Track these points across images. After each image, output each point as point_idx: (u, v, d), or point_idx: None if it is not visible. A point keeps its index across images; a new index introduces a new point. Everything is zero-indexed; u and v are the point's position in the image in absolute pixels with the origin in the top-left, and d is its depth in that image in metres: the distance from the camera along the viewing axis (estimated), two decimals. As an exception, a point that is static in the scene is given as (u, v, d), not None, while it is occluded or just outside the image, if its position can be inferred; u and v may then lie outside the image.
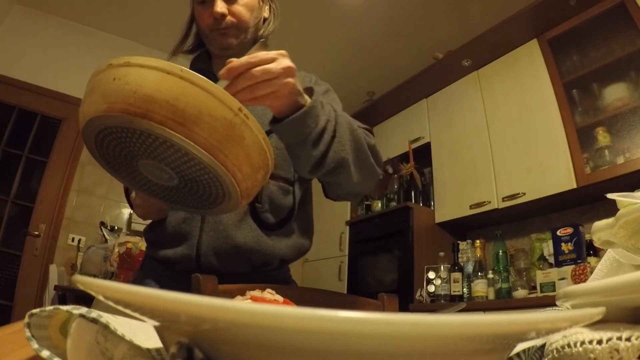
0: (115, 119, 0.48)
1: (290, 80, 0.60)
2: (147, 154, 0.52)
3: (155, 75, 0.46)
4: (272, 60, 0.59)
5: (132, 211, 3.17)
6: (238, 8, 0.90)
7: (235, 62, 0.57)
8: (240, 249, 0.84)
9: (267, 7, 0.99)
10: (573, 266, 1.99)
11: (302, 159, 0.71)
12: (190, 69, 1.04)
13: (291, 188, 0.92)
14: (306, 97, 0.67)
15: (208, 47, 0.98)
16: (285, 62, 0.60)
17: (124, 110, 0.46)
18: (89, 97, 0.50)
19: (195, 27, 0.99)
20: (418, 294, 2.61)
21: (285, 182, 0.91)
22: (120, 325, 0.27)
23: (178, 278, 0.86)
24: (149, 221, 0.93)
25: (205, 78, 0.47)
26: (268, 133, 0.82)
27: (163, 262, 0.88)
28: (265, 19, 0.99)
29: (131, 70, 0.46)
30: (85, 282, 0.20)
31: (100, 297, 0.20)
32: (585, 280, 1.73)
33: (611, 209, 0.43)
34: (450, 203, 2.80)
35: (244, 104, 0.53)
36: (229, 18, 0.89)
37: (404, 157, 3.25)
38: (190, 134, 0.47)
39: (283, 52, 0.61)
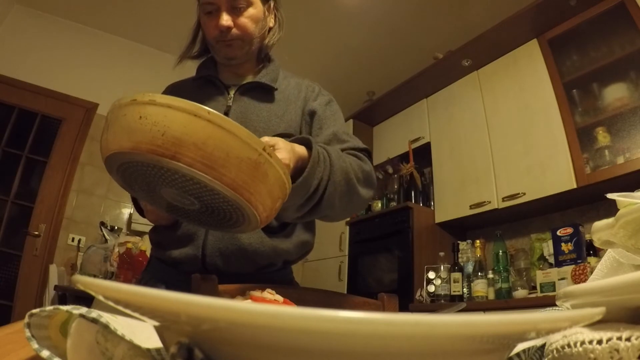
0: (140, 156, 0.49)
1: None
2: (172, 184, 0.54)
3: (183, 118, 0.47)
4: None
5: (132, 212, 3.18)
6: (243, 20, 0.91)
7: None
8: (245, 250, 0.86)
9: (272, 16, 1.00)
10: (573, 266, 1.99)
11: (285, 216, 0.77)
12: (196, 75, 1.05)
13: None
14: (301, 151, 0.70)
15: (213, 55, 1.00)
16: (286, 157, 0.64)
17: (152, 151, 0.47)
18: (112, 130, 0.50)
19: (201, 33, 1.00)
20: (418, 294, 2.61)
21: None
22: (120, 325, 0.27)
23: (183, 278, 0.87)
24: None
25: (230, 120, 0.48)
26: (281, 136, 0.85)
27: (169, 262, 0.90)
28: (270, 28, 1.00)
29: (158, 110, 0.47)
30: (85, 282, 0.20)
31: (100, 297, 0.20)
32: (585, 280, 1.73)
33: (611, 209, 0.43)
34: (450, 203, 2.80)
35: None
36: (234, 30, 0.91)
37: (404, 157, 3.25)
38: (218, 175, 0.48)
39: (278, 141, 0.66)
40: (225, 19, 0.89)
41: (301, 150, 0.71)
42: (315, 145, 0.72)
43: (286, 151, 0.65)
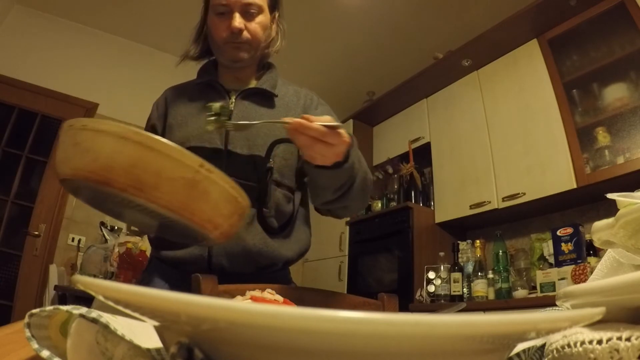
0: (81, 182, 0.48)
1: (341, 152, 0.72)
2: (124, 205, 0.53)
3: (112, 142, 0.46)
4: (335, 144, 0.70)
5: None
6: (254, 25, 0.93)
7: (313, 125, 0.66)
8: (249, 250, 0.88)
9: (274, 26, 1.01)
10: (573, 266, 1.99)
11: (320, 197, 0.88)
12: (197, 79, 1.06)
13: (292, 196, 0.96)
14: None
15: (217, 57, 1.01)
16: (343, 147, 0.71)
17: (86, 178, 0.47)
18: (57, 156, 0.50)
19: (204, 33, 1.01)
20: (418, 294, 2.61)
21: (288, 190, 0.95)
22: (120, 325, 0.27)
23: (185, 279, 0.87)
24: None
25: (162, 140, 0.47)
26: (280, 142, 0.91)
27: (170, 262, 0.90)
28: (272, 38, 1.02)
29: (90, 135, 0.47)
30: (85, 282, 0.20)
31: (100, 297, 0.20)
32: (585, 280, 1.74)
33: (611, 209, 0.43)
34: (450, 203, 2.80)
35: (299, 144, 0.66)
36: (245, 34, 0.92)
37: (404, 157, 3.25)
38: (152, 198, 0.47)
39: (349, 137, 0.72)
40: (239, 21, 0.91)
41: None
42: (354, 140, 0.78)
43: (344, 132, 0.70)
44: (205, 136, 0.91)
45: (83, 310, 0.27)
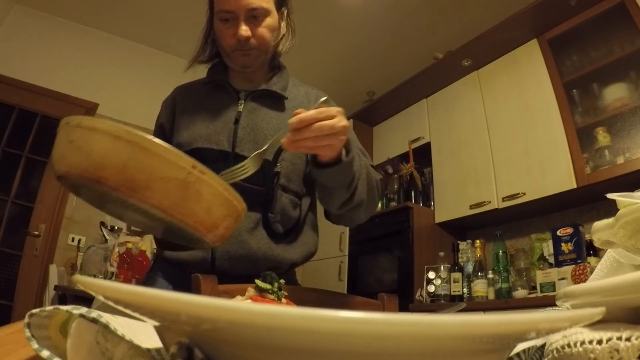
0: (75, 180, 0.49)
1: (343, 138, 0.69)
2: (120, 205, 0.53)
3: (104, 141, 0.46)
4: (334, 116, 0.66)
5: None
6: (261, 30, 0.90)
7: (304, 115, 0.63)
8: (253, 254, 0.87)
9: (284, 23, 0.99)
10: (573, 266, 1.99)
11: (335, 198, 0.83)
12: (206, 78, 1.05)
13: (299, 201, 0.95)
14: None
15: (226, 62, 0.98)
16: (344, 121, 0.68)
17: (80, 175, 0.47)
18: (53, 153, 0.50)
19: (211, 37, 0.99)
20: (418, 294, 2.61)
21: (295, 195, 0.94)
22: (121, 325, 0.27)
23: (189, 279, 0.87)
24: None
25: (154, 140, 0.46)
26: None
27: (175, 263, 0.90)
28: (283, 36, 0.99)
29: (83, 133, 0.47)
30: (85, 282, 0.20)
31: (100, 297, 0.20)
32: (585, 280, 1.73)
33: (611, 209, 0.43)
34: (450, 203, 2.80)
35: (305, 150, 0.64)
36: (252, 40, 0.90)
37: (404, 157, 3.25)
38: (143, 198, 0.47)
39: (341, 109, 0.68)
40: (245, 29, 0.88)
41: None
42: (354, 144, 0.79)
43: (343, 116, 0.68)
44: (212, 138, 0.90)
45: (83, 310, 0.27)
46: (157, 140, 0.46)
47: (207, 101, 0.96)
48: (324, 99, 0.71)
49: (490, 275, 2.34)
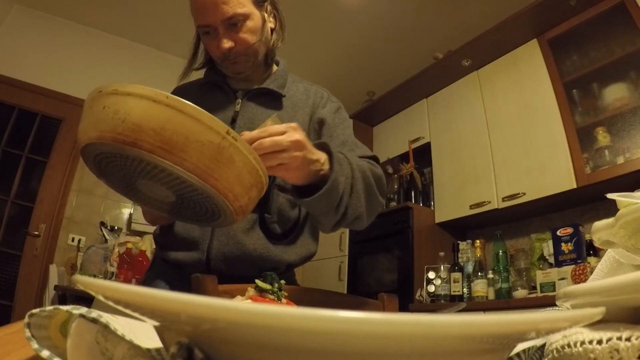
0: (107, 146, 0.49)
1: (298, 154, 0.62)
2: (144, 174, 0.53)
3: (142, 104, 0.47)
4: (282, 133, 0.61)
5: (132, 212, 3.18)
6: (243, 36, 0.88)
7: (246, 134, 0.59)
8: (249, 255, 0.86)
9: (271, 17, 0.97)
10: (573, 266, 1.99)
11: (325, 223, 0.77)
12: (203, 79, 1.04)
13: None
14: (321, 156, 0.68)
15: (220, 69, 0.98)
16: (294, 135, 0.61)
17: (114, 139, 0.47)
18: (82, 123, 0.51)
19: (201, 46, 0.98)
20: (418, 294, 2.61)
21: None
22: (121, 325, 0.27)
23: (187, 280, 0.87)
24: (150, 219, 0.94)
25: (191, 104, 0.47)
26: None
27: (173, 264, 0.90)
28: (273, 30, 0.98)
29: (119, 98, 0.47)
30: (85, 282, 0.20)
31: (100, 297, 0.20)
32: (585, 280, 1.73)
33: (611, 209, 0.43)
34: (450, 203, 2.80)
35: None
36: (236, 48, 0.88)
37: (404, 157, 3.25)
38: (178, 160, 0.48)
39: (293, 125, 0.63)
40: (225, 42, 0.86)
41: (321, 154, 0.70)
42: (334, 149, 0.72)
43: (301, 131, 0.63)
44: None
45: (83, 310, 0.27)
46: (194, 104, 0.47)
47: (204, 101, 0.96)
48: (273, 116, 0.67)
49: (490, 275, 2.34)
